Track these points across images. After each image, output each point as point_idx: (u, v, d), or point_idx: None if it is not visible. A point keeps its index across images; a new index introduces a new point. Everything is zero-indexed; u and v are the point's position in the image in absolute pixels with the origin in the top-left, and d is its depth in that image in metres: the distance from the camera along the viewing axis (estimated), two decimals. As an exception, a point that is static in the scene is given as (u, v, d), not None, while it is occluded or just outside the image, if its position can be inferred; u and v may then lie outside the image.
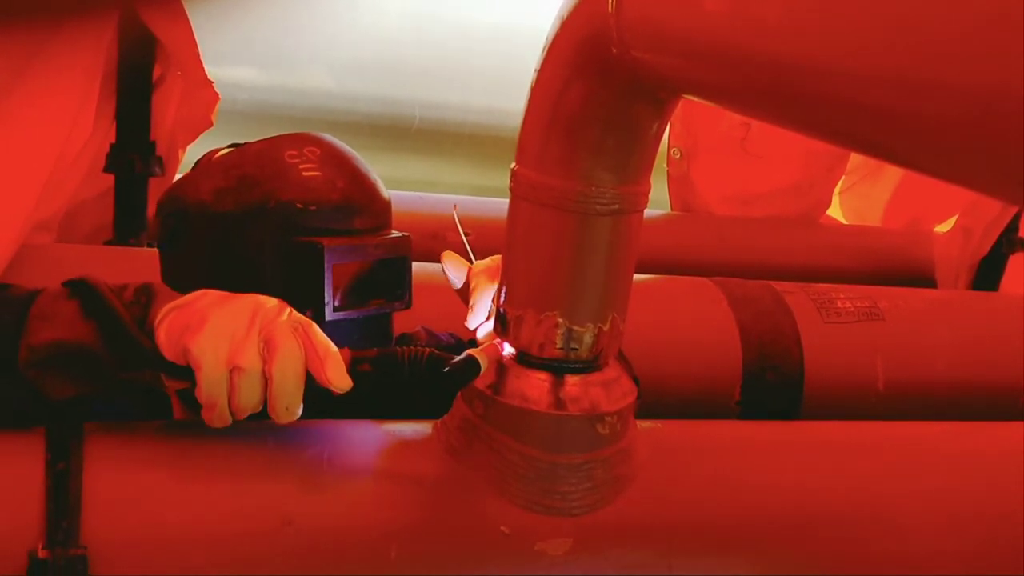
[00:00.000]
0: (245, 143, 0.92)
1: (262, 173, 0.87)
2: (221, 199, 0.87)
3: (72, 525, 0.69)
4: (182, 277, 0.87)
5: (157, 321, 0.72)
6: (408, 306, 0.90)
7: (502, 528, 0.78)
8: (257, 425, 0.81)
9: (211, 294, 0.75)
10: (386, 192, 0.92)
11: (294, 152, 0.88)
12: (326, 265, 0.83)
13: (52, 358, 0.71)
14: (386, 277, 0.88)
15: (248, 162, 0.88)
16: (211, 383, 0.70)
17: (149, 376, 0.73)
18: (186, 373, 0.71)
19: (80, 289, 0.74)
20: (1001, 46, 0.36)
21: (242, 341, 0.71)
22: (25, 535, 0.69)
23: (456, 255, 0.98)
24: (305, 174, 0.87)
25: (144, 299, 0.74)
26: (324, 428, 0.82)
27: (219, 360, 0.70)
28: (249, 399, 0.71)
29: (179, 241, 0.89)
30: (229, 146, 0.92)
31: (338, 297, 0.84)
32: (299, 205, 0.86)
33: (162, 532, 0.72)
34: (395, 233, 0.90)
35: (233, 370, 0.70)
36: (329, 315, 0.84)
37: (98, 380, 0.73)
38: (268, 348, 0.71)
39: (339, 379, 0.72)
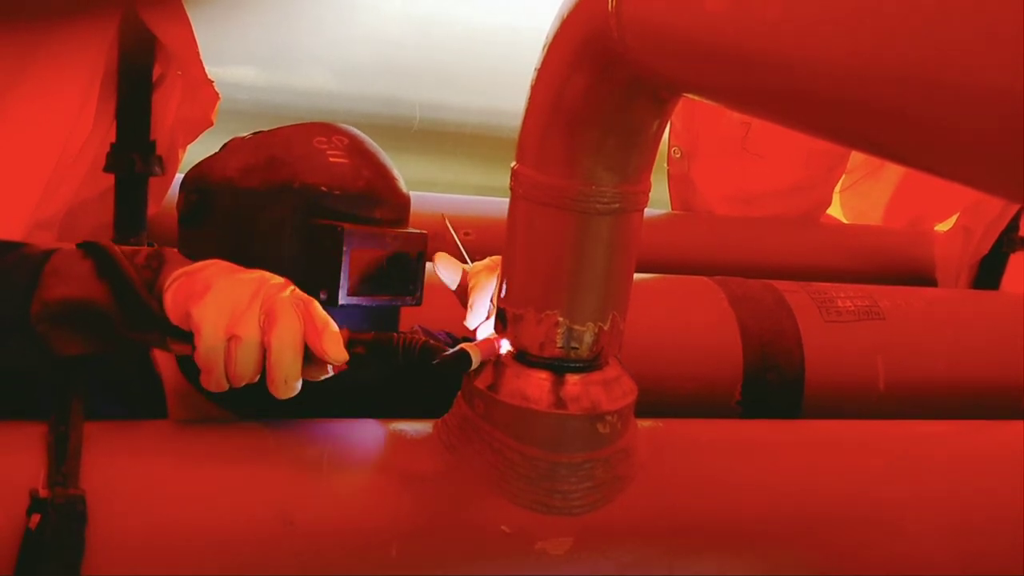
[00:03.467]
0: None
1: (290, 155, 0.89)
2: (247, 176, 0.88)
3: (72, 470, 0.71)
4: (200, 255, 0.89)
5: (166, 286, 0.75)
6: (419, 303, 0.91)
7: (503, 527, 0.78)
8: (258, 423, 0.81)
9: (220, 264, 0.77)
10: (406, 189, 0.93)
11: (323, 139, 0.90)
12: (345, 249, 0.85)
13: (63, 314, 0.74)
14: (400, 271, 0.89)
15: (277, 144, 0.90)
16: (209, 349, 0.72)
17: (155, 338, 0.75)
18: (189, 337, 0.73)
19: (94, 251, 0.77)
20: (1005, 44, 0.36)
21: (243, 311, 0.73)
22: (28, 481, 0.71)
23: (449, 256, 0.98)
24: (332, 160, 0.89)
25: (155, 263, 0.77)
26: (324, 426, 0.82)
27: (218, 327, 0.72)
28: (245, 367, 0.73)
29: (201, 217, 0.91)
30: (254, 133, 0.93)
31: (353, 283, 0.85)
32: (323, 188, 0.87)
33: (161, 530, 0.72)
34: (413, 230, 0.91)
35: (231, 339, 0.72)
36: (343, 299, 0.85)
37: (105, 339, 0.76)
38: (268, 319, 0.73)
39: (335, 351, 0.74)
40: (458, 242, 1.04)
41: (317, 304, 0.75)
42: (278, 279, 0.76)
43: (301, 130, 0.91)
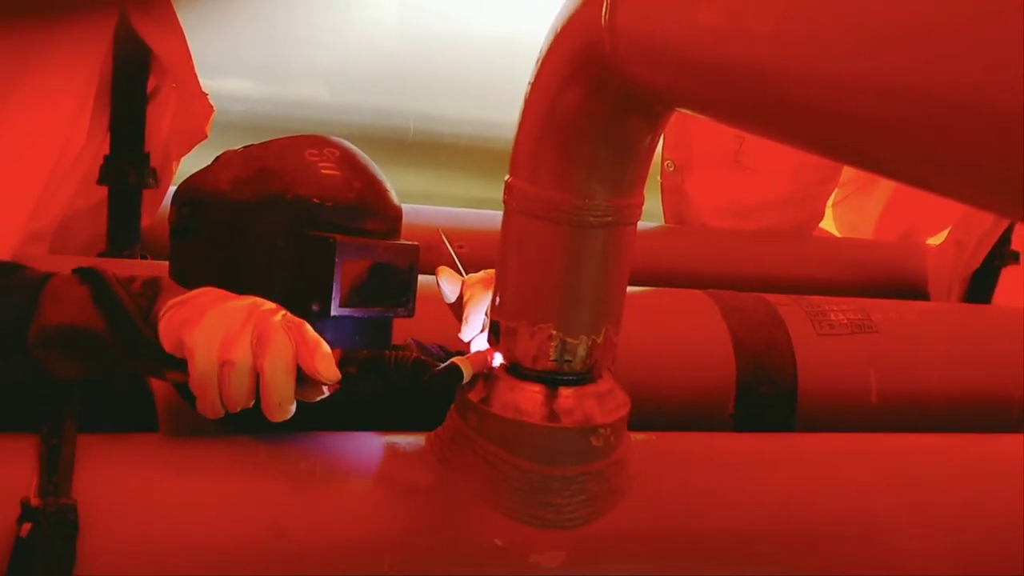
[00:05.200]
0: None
1: (282, 167, 0.89)
2: (239, 188, 0.89)
3: (64, 480, 0.71)
4: (193, 268, 0.89)
5: (160, 314, 0.75)
6: (411, 314, 0.91)
7: (496, 541, 0.77)
8: (250, 437, 0.81)
9: (213, 292, 0.77)
10: (398, 201, 0.94)
11: (314, 151, 0.90)
12: (337, 260, 0.85)
13: (60, 339, 0.74)
14: (393, 282, 0.89)
15: (269, 156, 0.90)
16: (201, 375, 0.73)
17: (150, 366, 0.76)
18: (183, 365, 0.74)
19: (90, 277, 0.77)
20: (998, 59, 0.37)
21: (235, 337, 0.73)
22: (19, 492, 0.70)
23: (451, 270, 0.99)
24: (324, 172, 0.89)
25: (151, 292, 0.78)
26: (317, 439, 0.82)
27: (210, 353, 0.72)
28: (239, 392, 0.73)
29: (193, 230, 0.91)
30: (246, 146, 0.93)
31: (345, 294, 0.85)
32: (315, 200, 0.87)
33: (152, 542, 0.72)
34: (405, 241, 0.91)
35: (224, 364, 0.73)
36: (335, 310, 0.85)
37: (101, 364, 0.76)
38: (260, 343, 0.73)
39: (327, 369, 0.74)
40: (454, 255, 1.04)
41: (308, 326, 0.75)
42: (270, 304, 0.76)
43: (293, 142, 0.91)
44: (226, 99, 1.84)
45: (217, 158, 0.93)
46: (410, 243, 0.91)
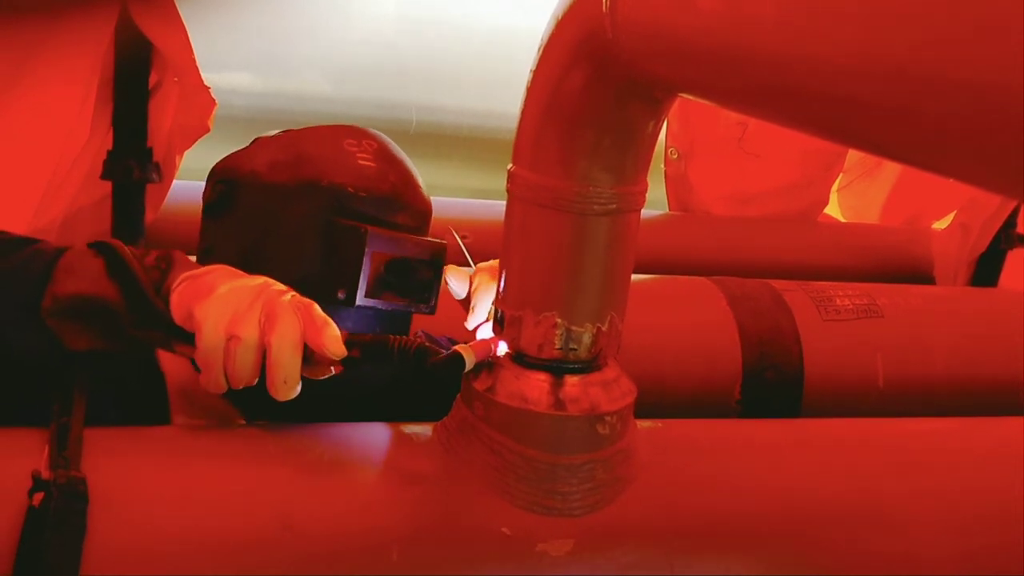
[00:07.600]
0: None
1: (320, 153, 0.90)
2: (275, 171, 0.90)
3: (74, 455, 0.72)
4: (221, 246, 0.90)
5: (172, 287, 0.76)
6: (432, 311, 0.91)
7: (503, 529, 0.78)
8: (257, 427, 0.81)
9: (226, 268, 0.79)
10: (429, 199, 0.95)
11: (353, 141, 0.92)
12: (367, 250, 0.86)
13: (74, 309, 0.75)
14: (418, 278, 0.90)
15: (307, 141, 0.92)
16: (208, 347, 0.74)
17: (159, 338, 0.77)
18: (192, 338, 0.75)
19: (105, 250, 0.79)
20: (999, 39, 0.37)
21: (244, 313, 0.74)
22: (30, 465, 0.71)
23: (459, 268, 0.99)
24: (361, 162, 0.91)
25: (164, 265, 0.79)
26: (325, 430, 0.82)
27: (219, 327, 0.73)
28: (244, 367, 0.74)
29: (226, 208, 0.92)
30: (280, 132, 0.95)
31: (371, 285, 0.86)
32: (350, 189, 0.89)
33: (160, 531, 0.72)
34: (433, 239, 0.92)
35: (231, 339, 0.73)
36: (360, 300, 0.86)
37: (113, 336, 0.77)
38: (268, 321, 0.74)
39: (334, 346, 0.75)
40: (464, 248, 1.04)
41: (317, 306, 0.76)
42: (280, 285, 0.77)
43: (331, 131, 0.93)
44: (228, 93, 1.84)
45: (253, 141, 0.95)
46: (438, 241, 0.92)
